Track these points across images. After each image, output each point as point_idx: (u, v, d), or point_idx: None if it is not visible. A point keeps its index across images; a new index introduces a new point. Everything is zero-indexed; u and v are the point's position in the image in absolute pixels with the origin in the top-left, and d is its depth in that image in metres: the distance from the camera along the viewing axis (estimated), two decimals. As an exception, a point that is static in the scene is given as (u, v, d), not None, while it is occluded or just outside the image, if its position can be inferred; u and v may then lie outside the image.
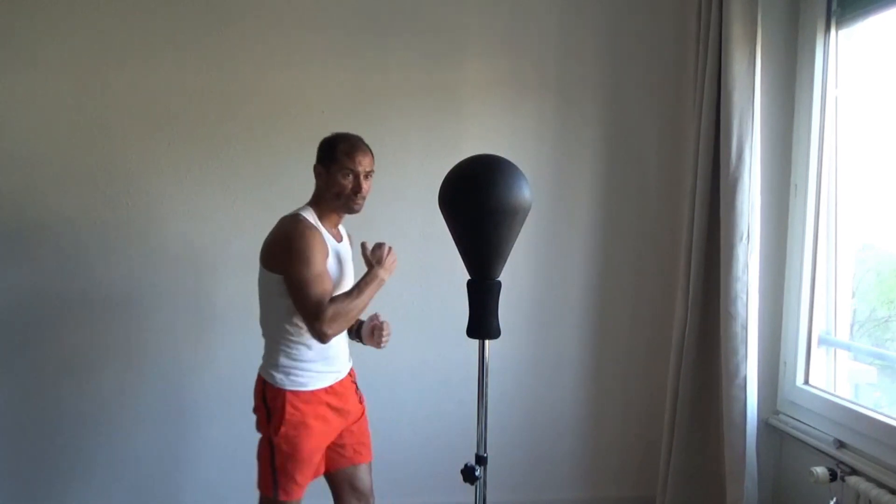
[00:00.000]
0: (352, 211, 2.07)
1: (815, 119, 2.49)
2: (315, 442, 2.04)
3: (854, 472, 2.19)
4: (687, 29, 2.92)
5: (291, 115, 2.85)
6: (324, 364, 2.06)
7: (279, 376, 2.01)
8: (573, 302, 3.06)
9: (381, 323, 2.20)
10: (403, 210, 2.93)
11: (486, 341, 1.88)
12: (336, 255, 2.07)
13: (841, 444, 2.28)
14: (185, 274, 2.83)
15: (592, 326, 3.07)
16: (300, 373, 2.02)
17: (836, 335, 2.50)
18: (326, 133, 2.86)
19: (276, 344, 2.04)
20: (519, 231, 1.81)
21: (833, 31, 2.47)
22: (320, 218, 2.07)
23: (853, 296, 2.53)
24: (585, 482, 3.11)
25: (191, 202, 2.82)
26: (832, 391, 2.46)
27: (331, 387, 2.08)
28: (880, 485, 2.07)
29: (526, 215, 1.79)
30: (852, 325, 2.53)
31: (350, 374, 2.21)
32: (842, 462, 2.23)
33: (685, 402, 2.68)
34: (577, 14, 2.97)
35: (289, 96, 2.84)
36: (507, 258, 1.83)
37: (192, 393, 2.87)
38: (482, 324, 1.85)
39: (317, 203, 2.09)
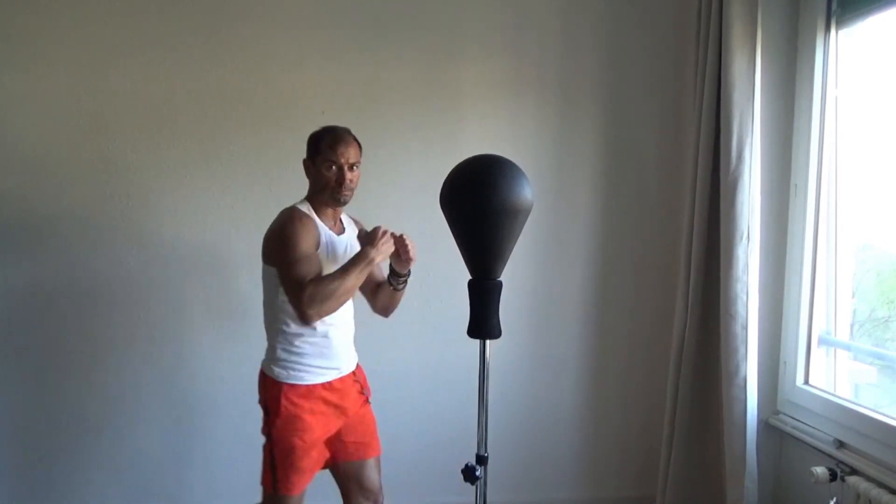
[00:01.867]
0: (339, 203, 2.10)
1: (815, 119, 2.49)
2: (311, 437, 2.03)
3: (854, 472, 2.19)
4: (687, 29, 2.92)
5: (291, 115, 2.84)
6: (322, 360, 2.06)
7: (277, 370, 2.04)
8: (573, 302, 3.06)
9: (399, 237, 2.11)
10: (403, 210, 2.93)
11: (487, 341, 1.88)
12: (332, 244, 2.10)
13: (841, 444, 2.28)
14: (186, 273, 2.83)
15: (592, 326, 3.07)
16: (297, 367, 2.04)
17: (836, 335, 2.50)
18: (326, 133, 2.88)
19: (275, 338, 2.07)
20: (520, 231, 1.81)
21: (833, 31, 2.47)
22: (315, 211, 2.11)
23: (853, 296, 2.53)
24: (585, 482, 3.11)
25: (191, 202, 2.82)
26: (832, 391, 2.46)
27: (329, 383, 2.08)
28: (880, 485, 2.07)
29: (527, 215, 1.79)
30: (852, 325, 2.53)
31: (354, 372, 2.20)
32: (842, 462, 2.23)
33: (685, 402, 2.68)
34: (577, 14, 2.97)
35: (289, 96, 2.84)
36: (508, 258, 1.83)
37: (195, 391, 2.87)
38: (483, 323, 1.85)
39: (311, 197, 2.13)
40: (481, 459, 1.89)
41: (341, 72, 2.87)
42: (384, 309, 2.30)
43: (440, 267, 2.93)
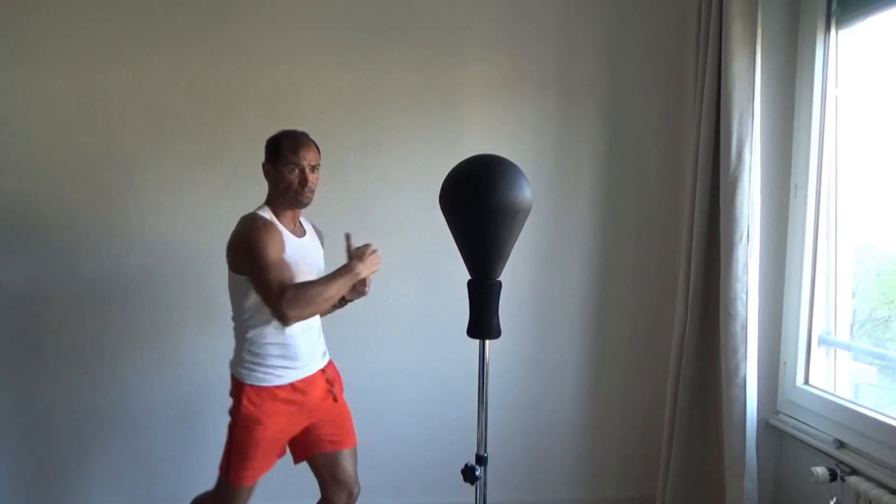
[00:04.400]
0: (301, 204, 2.15)
1: (815, 119, 2.50)
2: (268, 437, 2.11)
3: (854, 472, 2.19)
4: (687, 29, 2.92)
5: (291, 115, 2.84)
6: (284, 361, 2.12)
7: (242, 371, 2.12)
8: (573, 302, 3.06)
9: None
10: (403, 210, 2.93)
11: (487, 341, 1.88)
12: (294, 247, 2.12)
13: (841, 444, 2.28)
14: (186, 273, 2.83)
15: (592, 326, 3.07)
16: (260, 369, 2.10)
17: (836, 335, 2.50)
18: (326, 133, 2.87)
19: (241, 342, 2.13)
20: (520, 231, 1.81)
21: (833, 31, 2.47)
22: (276, 215, 2.15)
23: (853, 296, 2.53)
24: (585, 482, 3.11)
25: (191, 202, 2.82)
26: (832, 391, 2.46)
27: (291, 384, 2.13)
28: (880, 485, 2.07)
29: (527, 215, 1.79)
30: (852, 325, 2.53)
31: (324, 370, 2.25)
32: (842, 462, 2.23)
33: (685, 402, 2.68)
34: (577, 14, 2.97)
35: (289, 96, 2.84)
36: (507, 258, 1.83)
37: (193, 392, 2.87)
38: (482, 324, 1.84)
39: (271, 201, 2.17)
40: (481, 459, 1.89)
41: (341, 72, 2.87)
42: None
43: (440, 267, 2.93)
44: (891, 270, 2.54)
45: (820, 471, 2.25)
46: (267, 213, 2.13)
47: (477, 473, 1.86)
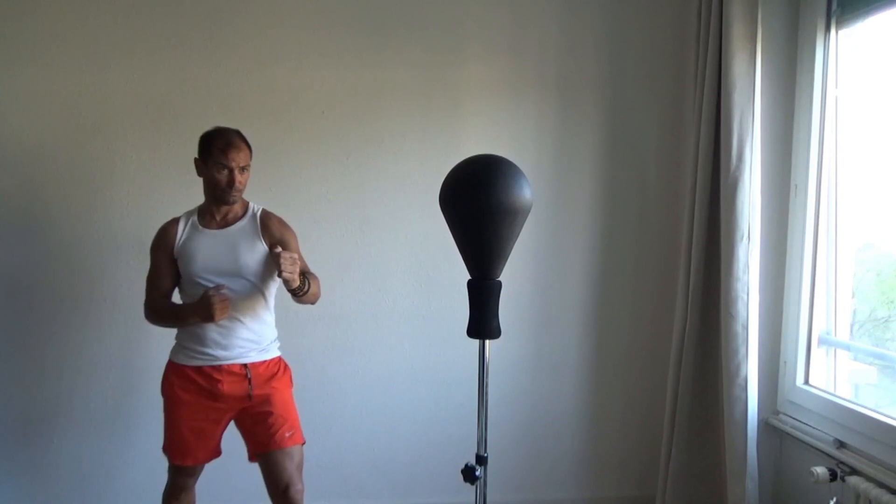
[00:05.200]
0: (227, 203, 2.22)
1: (815, 119, 2.50)
2: (185, 414, 2.21)
3: (854, 472, 2.19)
4: (687, 29, 2.92)
5: (291, 115, 2.85)
6: (194, 343, 2.21)
7: (172, 349, 2.29)
8: (573, 302, 3.06)
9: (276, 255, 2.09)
10: (403, 210, 2.93)
11: (487, 341, 1.89)
12: (196, 239, 2.21)
13: (841, 444, 2.28)
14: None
15: (592, 326, 3.07)
16: (178, 347, 2.26)
17: (836, 335, 2.50)
18: (326, 133, 2.89)
19: None
20: (519, 231, 1.81)
21: (833, 31, 2.47)
22: (205, 209, 2.27)
23: (853, 296, 2.53)
24: (586, 482, 3.11)
25: (191, 203, 2.82)
26: (832, 391, 2.46)
27: (200, 368, 2.20)
28: (880, 485, 2.07)
29: (526, 215, 1.79)
30: (852, 325, 2.53)
31: (247, 365, 2.22)
32: (842, 462, 2.23)
33: (685, 402, 2.68)
34: (577, 14, 2.97)
35: (288, 96, 2.84)
36: (507, 258, 1.84)
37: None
38: (482, 324, 1.85)
39: (205, 194, 2.26)
40: (481, 459, 1.90)
41: (341, 72, 2.87)
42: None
43: (440, 267, 2.93)
44: (891, 270, 2.54)
45: (820, 471, 2.25)
46: (187, 213, 2.28)
47: (477, 473, 1.86)
